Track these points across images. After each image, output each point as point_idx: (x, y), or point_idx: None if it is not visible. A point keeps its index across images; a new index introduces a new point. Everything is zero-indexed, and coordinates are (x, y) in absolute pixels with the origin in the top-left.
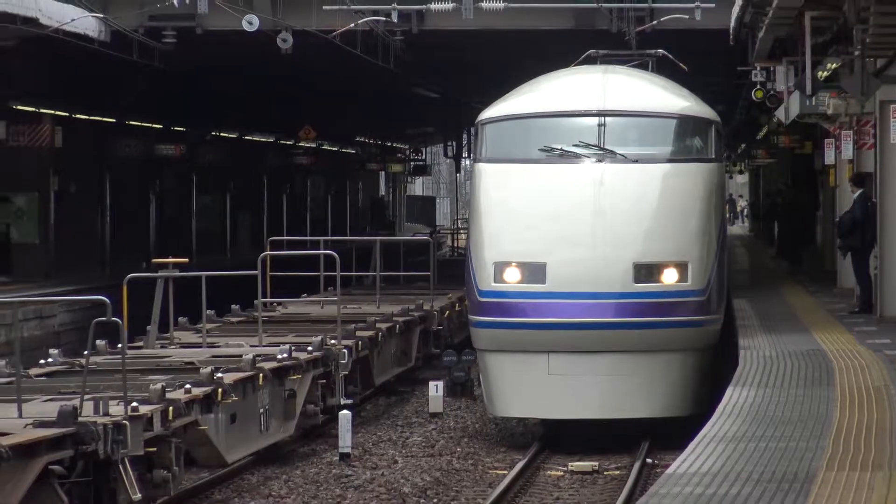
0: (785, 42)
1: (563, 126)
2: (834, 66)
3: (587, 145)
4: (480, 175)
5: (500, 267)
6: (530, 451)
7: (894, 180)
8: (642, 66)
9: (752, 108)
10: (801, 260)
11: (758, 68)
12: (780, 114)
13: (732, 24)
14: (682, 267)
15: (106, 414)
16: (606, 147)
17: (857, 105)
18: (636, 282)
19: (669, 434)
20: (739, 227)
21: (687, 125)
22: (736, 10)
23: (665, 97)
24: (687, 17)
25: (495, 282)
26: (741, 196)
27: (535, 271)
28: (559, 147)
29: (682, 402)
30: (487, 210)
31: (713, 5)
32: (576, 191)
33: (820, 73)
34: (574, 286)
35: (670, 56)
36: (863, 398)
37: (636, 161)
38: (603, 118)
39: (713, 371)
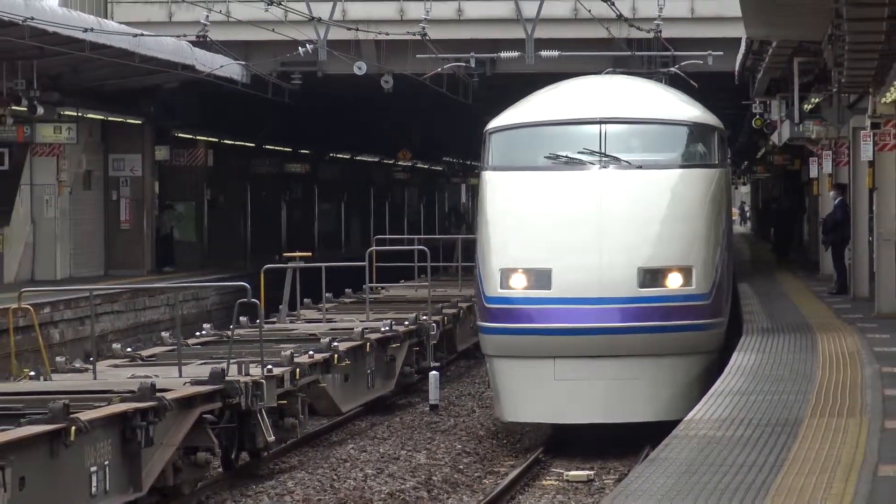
0: (778, 81)
1: (568, 134)
2: (816, 100)
3: (591, 152)
4: (486, 183)
5: (506, 273)
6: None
7: (864, 190)
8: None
9: (752, 134)
10: (789, 252)
11: (757, 102)
12: (774, 138)
13: (737, 67)
14: (686, 271)
15: (247, 374)
16: (610, 154)
17: (835, 131)
18: (641, 286)
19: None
20: (744, 228)
21: (690, 131)
22: (740, 57)
23: (668, 104)
24: (701, 62)
25: (502, 288)
26: (743, 202)
27: (540, 277)
28: (564, 154)
29: (687, 405)
30: (494, 218)
31: (721, 53)
32: (580, 197)
33: (806, 105)
34: (579, 292)
35: (682, 74)
36: (840, 361)
37: (640, 167)
38: (606, 125)
39: (719, 374)
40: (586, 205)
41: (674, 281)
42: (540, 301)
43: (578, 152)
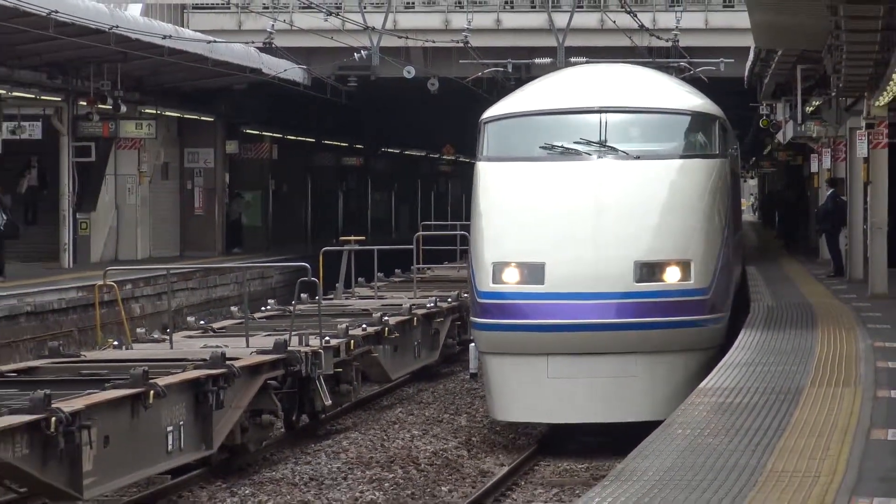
0: (783, 86)
1: (564, 123)
2: (817, 103)
3: (588, 142)
4: (480, 174)
5: (499, 267)
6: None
7: (860, 184)
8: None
9: (759, 132)
10: (793, 239)
11: (763, 104)
12: (779, 136)
13: (746, 73)
14: (684, 265)
15: (307, 345)
16: (608, 144)
17: (834, 130)
18: (638, 281)
19: None
20: (753, 217)
21: (690, 121)
22: (748, 63)
23: (668, 93)
24: (714, 68)
25: (494, 282)
26: (752, 194)
27: (533, 271)
28: (559, 144)
29: None
30: (486, 210)
31: (732, 60)
32: (575, 189)
33: (807, 108)
34: (573, 286)
35: (691, 68)
36: (836, 337)
37: (638, 158)
38: (603, 115)
39: None
40: (581, 197)
41: (672, 275)
42: (533, 296)
43: (574, 142)
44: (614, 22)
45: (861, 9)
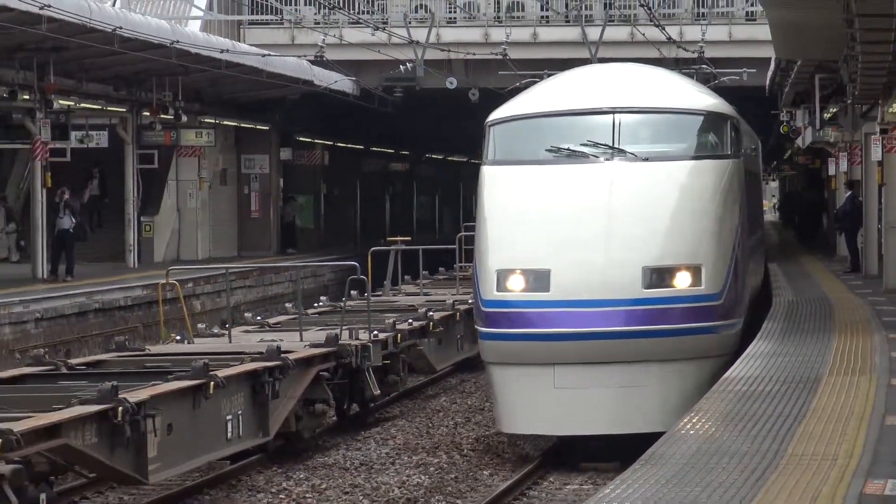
0: (802, 94)
1: (570, 125)
2: (834, 110)
3: (595, 144)
4: (485, 178)
5: (503, 275)
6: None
7: (874, 185)
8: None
9: (780, 138)
10: (811, 238)
11: (784, 111)
12: (799, 141)
13: (768, 82)
14: (695, 270)
15: (357, 338)
16: (617, 145)
17: (850, 135)
18: (647, 287)
19: None
20: (773, 217)
21: (700, 121)
22: (770, 73)
23: (678, 93)
24: (738, 78)
25: (498, 290)
26: (773, 196)
27: (539, 278)
28: (566, 147)
29: None
30: (491, 215)
31: (755, 70)
32: (583, 192)
33: (825, 114)
34: (580, 293)
35: (713, 70)
36: (853, 328)
37: (647, 159)
38: (612, 116)
39: None
40: (588, 200)
41: (682, 281)
42: (538, 304)
43: (581, 144)
44: (643, 35)
45: (875, 21)
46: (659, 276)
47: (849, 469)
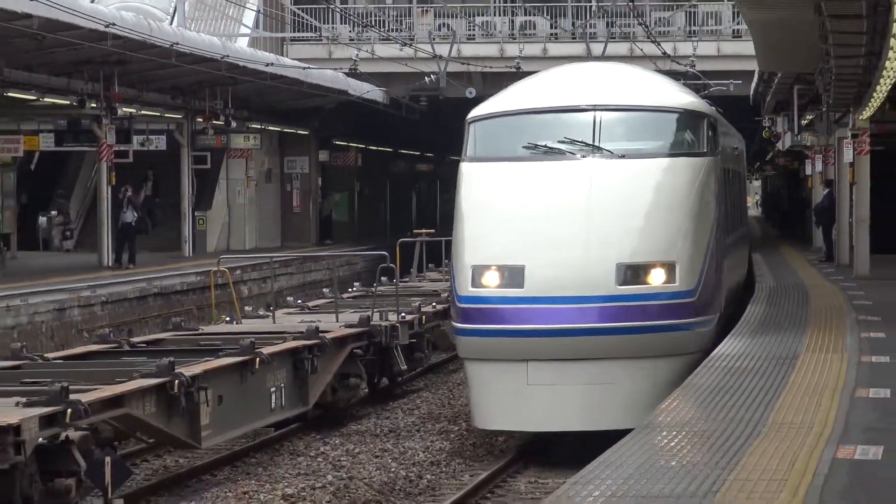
0: (782, 102)
1: (548, 122)
2: (810, 117)
3: (572, 141)
4: (462, 175)
5: (478, 271)
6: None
7: (846, 184)
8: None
9: (763, 142)
10: (789, 230)
11: (766, 118)
12: (779, 145)
13: (752, 92)
14: (669, 267)
15: (386, 320)
16: (592, 143)
17: (824, 139)
18: (620, 284)
19: None
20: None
21: (677, 119)
22: (753, 84)
23: (655, 91)
24: (725, 88)
25: (473, 286)
26: (756, 194)
27: (513, 275)
28: (543, 144)
29: None
30: (468, 211)
31: (740, 82)
32: (557, 189)
33: (802, 121)
34: (554, 290)
35: (698, 73)
36: (827, 312)
37: (623, 156)
38: (590, 113)
39: None
40: (563, 197)
41: (655, 277)
42: (512, 300)
43: (559, 141)
44: (641, 50)
45: (847, 38)
46: (633, 272)
47: (823, 436)
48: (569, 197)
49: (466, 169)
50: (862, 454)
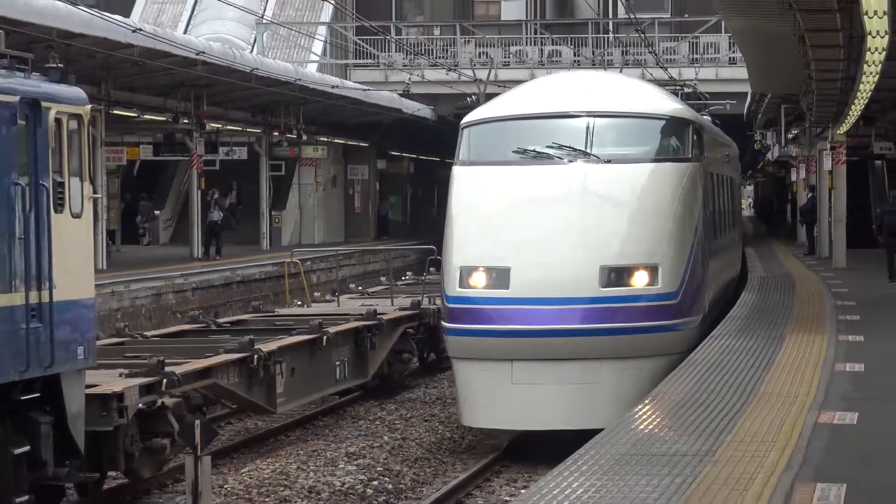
0: (771, 119)
1: (538, 128)
2: (795, 132)
3: (560, 146)
4: (454, 178)
5: (466, 272)
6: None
7: (826, 189)
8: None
9: (754, 153)
10: (776, 228)
11: (758, 132)
12: (769, 155)
13: (745, 111)
14: (652, 269)
15: (434, 304)
16: (579, 148)
17: (807, 151)
18: (604, 286)
19: None
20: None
21: (662, 125)
22: (747, 104)
23: (642, 98)
24: (722, 107)
25: (461, 287)
26: (749, 197)
27: (499, 276)
28: (532, 148)
29: None
30: (457, 213)
31: (735, 102)
32: (544, 193)
33: (788, 135)
34: (538, 291)
35: (699, 91)
36: (810, 298)
37: (609, 161)
38: (579, 119)
39: None
40: (548, 201)
41: (638, 280)
42: (498, 301)
43: (547, 146)
44: (651, 74)
45: (828, 64)
46: (616, 275)
47: (806, 404)
48: (555, 200)
49: (458, 172)
50: (839, 419)
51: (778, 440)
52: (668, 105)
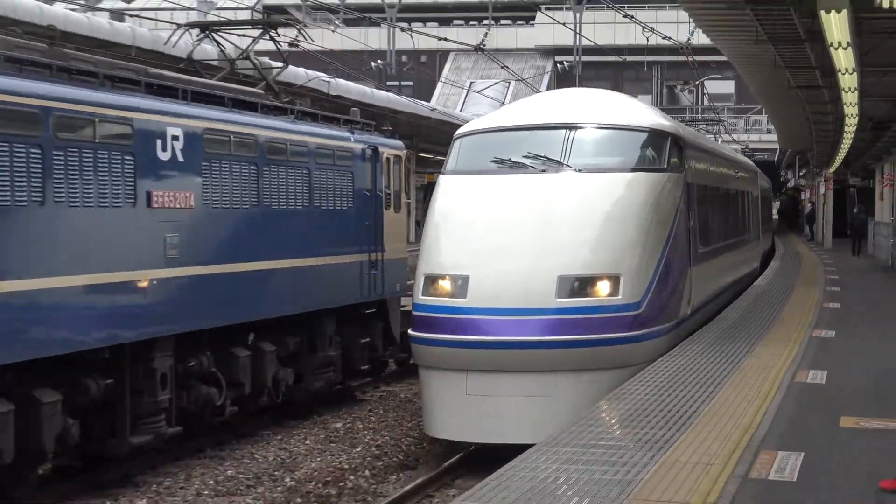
0: (790, 163)
1: (521, 139)
2: (804, 171)
3: (535, 156)
4: (437, 187)
5: (430, 280)
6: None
7: (821, 204)
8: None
9: (780, 183)
10: (794, 227)
11: (783, 171)
12: (789, 184)
13: (776, 158)
14: (614, 280)
15: None
16: (554, 158)
17: (811, 182)
18: (564, 296)
19: None
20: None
21: (639, 136)
22: (777, 154)
23: (624, 112)
24: (764, 156)
25: (423, 294)
26: (776, 207)
27: (461, 285)
28: (508, 158)
29: None
30: (431, 221)
31: (768, 153)
32: (511, 201)
33: (800, 172)
34: (494, 301)
35: (751, 148)
36: (810, 266)
37: (580, 171)
38: (559, 131)
39: None
40: (514, 209)
41: (600, 290)
42: (455, 310)
43: (523, 156)
44: (722, 139)
45: (824, 136)
46: (576, 285)
47: (788, 363)
48: (520, 209)
49: (441, 181)
50: (811, 378)
51: (761, 392)
52: (648, 118)
